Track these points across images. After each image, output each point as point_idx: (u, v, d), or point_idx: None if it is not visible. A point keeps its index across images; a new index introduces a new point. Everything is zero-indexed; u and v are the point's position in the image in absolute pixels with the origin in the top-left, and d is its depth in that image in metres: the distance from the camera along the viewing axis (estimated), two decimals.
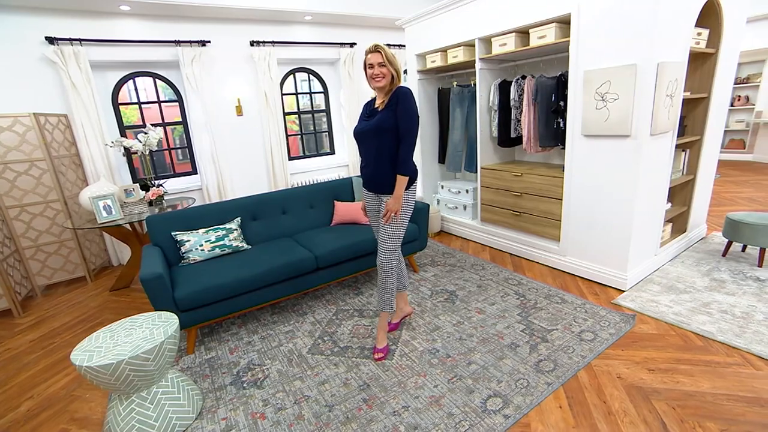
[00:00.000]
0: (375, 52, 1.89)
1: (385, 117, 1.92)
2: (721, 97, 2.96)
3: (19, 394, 2.09)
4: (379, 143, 1.95)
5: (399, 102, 1.89)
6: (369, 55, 1.91)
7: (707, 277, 2.70)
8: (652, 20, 2.19)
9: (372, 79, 1.93)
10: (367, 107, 2.09)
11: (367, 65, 1.92)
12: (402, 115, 1.89)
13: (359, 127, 2.05)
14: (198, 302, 2.23)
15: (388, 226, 2.01)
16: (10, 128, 3.08)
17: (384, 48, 1.89)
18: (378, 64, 1.89)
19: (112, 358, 1.55)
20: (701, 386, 1.74)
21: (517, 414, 1.67)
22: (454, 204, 4.03)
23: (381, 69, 1.89)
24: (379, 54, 1.88)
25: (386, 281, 2.05)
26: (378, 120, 1.94)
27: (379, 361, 2.08)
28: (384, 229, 2.03)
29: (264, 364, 2.15)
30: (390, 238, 2.02)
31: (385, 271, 2.04)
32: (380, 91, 1.97)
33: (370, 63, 1.91)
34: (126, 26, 3.71)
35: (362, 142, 2.05)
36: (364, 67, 1.96)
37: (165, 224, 2.68)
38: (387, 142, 1.94)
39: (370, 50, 1.91)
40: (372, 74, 1.91)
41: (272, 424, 1.72)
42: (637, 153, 2.41)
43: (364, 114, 2.08)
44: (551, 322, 2.33)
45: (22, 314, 3.02)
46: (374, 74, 1.90)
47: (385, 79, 1.91)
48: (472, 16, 3.22)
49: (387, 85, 1.93)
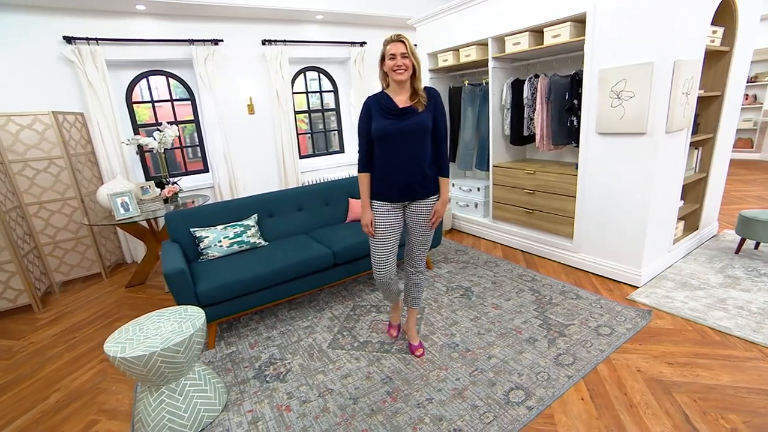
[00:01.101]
0: (398, 41, 1.72)
1: (426, 118, 1.80)
2: (734, 96, 2.98)
3: (46, 387, 2.13)
4: (420, 145, 1.81)
5: (438, 104, 1.84)
6: (390, 45, 1.73)
7: (721, 273, 2.72)
8: (669, 19, 2.21)
9: (394, 71, 1.74)
10: (384, 104, 1.81)
11: (388, 56, 1.74)
12: (440, 117, 1.85)
13: (389, 127, 1.79)
14: (219, 297, 2.27)
15: (429, 232, 1.96)
16: (30, 126, 3.12)
17: (407, 38, 1.74)
18: (401, 55, 1.72)
19: (145, 350, 1.58)
20: (721, 380, 1.76)
21: (540, 406, 1.70)
22: (465, 202, 4.06)
23: (404, 60, 1.72)
24: (402, 44, 1.72)
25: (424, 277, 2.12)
26: (420, 121, 1.79)
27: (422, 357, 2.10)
28: (430, 234, 1.98)
29: (285, 359, 2.19)
30: (427, 244, 2.00)
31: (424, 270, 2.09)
32: (400, 86, 1.79)
33: (392, 54, 1.73)
34: (141, 26, 3.75)
35: (394, 144, 1.80)
36: (382, 58, 1.78)
37: (184, 221, 2.71)
38: (427, 145, 1.84)
39: (392, 39, 1.74)
40: (394, 66, 1.73)
41: (298, 416, 1.76)
42: (653, 150, 2.43)
43: (385, 111, 1.80)
44: (568, 318, 2.35)
45: (41, 309, 3.07)
46: (397, 65, 1.73)
47: (407, 72, 1.74)
48: (485, 15, 3.25)
49: (408, 78, 1.77)
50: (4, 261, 2.86)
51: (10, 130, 3.06)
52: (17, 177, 3.13)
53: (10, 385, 2.16)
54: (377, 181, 1.88)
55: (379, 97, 1.85)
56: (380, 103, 1.83)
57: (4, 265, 2.87)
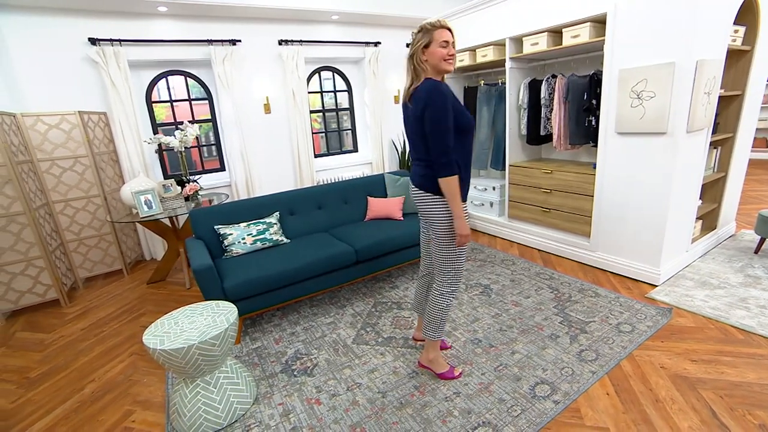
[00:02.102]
0: (447, 28, 1.58)
1: None
2: (755, 95, 2.98)
3: (81, 378, 2.20)
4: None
5: None
6: (441, 32, 1.56)
7: (741, 273, 2.73)
8: (692, 18, 2.22)
9: (445, 60, 1.59)
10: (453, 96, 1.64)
11: (440, 43, 1.57)
12: None
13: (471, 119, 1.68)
14: (246, 293, 2.32)
15: None
16: (57, 126, 3.20)
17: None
18: (452, 44, 1.59)
19: (183, 343, 1.64)
20: (747, 377, 1.78)
21: (566, 400, 1.73)
22: (480, 201, 4.09)
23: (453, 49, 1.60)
24: (450, 32, 1.59)
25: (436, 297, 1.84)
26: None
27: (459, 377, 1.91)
28: None
29: (311, 354, 2.24)
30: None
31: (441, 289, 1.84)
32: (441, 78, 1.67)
33: (445, 41, 1.57)
34: (162, 27, 3.81)
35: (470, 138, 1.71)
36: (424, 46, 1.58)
37: (207, 218, 2.77)
38: None
39: (441, 25, 1.58)
40: (447, 54, 1.59)
41: (328, 409, 1.80)
42: (673, 150, 2.44)
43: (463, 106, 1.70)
44: (588, 315, 2.38)
45: (68, 304, 3.15)
46: (450, 54, 1.59)
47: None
48: (503, 15, 3.27)
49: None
50: (35, 257, 2.94)
51: (39, 130, 3.14)
52: (45, 175, 3.21)
53: (47, 375, 2.24)
54: (462, 181, 1.65)
55: (445, 87, 1.60)
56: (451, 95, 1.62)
57: (35, 260, 2.95)
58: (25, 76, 3.32)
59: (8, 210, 2.82)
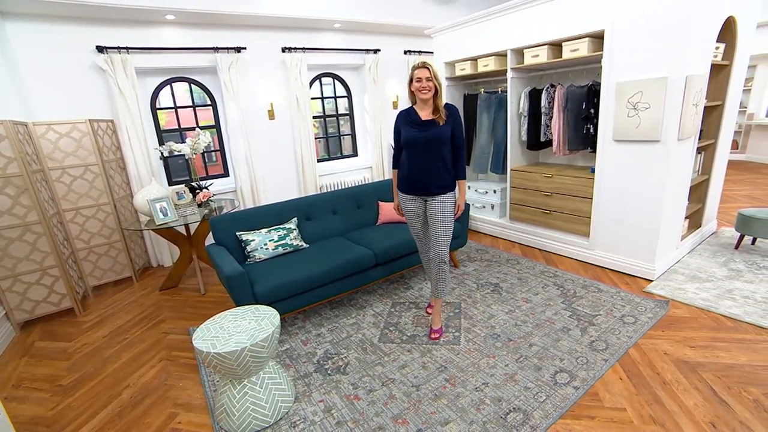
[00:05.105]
0: (423, 68, 2.14)
1: (446, 130, 2.22)
2: (733, 104, 3.27)
3: (115, 384, 2.24)
4: (439, 152, 2.24)
5: (456, 119, 2.25)
6: (417, 71, 2.14)
7: (725, 267, 3.00)
8: (682, 37, 2.46)
9: (419, 91, 2.16)
10: (411, 117, 2.25)
11: (415, 79, 2.15)
12: (458, 129, 2.26)
13: (414, 136, 2.23)
14: (275, 297, 2.42)
15: (449, 223, 2.28)
16: (68, 134, 3.20)
17: (431, 65, 2.15)
18: (426, 79, 2.13)
19: (235, 345, 1.73)
20: (739, 359, 2.01)
21: (585, 386, 1.91)
22: (481, 203, 4.28)
23: (428, 83, 2.13)
24: (427, 70, 2.13)
25: (445, 269, 2.32)
26: (440, 132, 2.21)
27: (435, 340, 2.38)
28: (446, 225, 2.27)
29: (340, 353, 2.35)
30: (450, 232, 2.30)
31: (444, 260, 2.30)
32: (425, 103, 2.21)
33: (418, 77, 2.14)
34: (169, 34, 3.83)
35: (418, 150, 2.23)
36: (410, 81, 2.19)
37: (228, 225, 2.84)
38: (447, 151, 2.26)
39: (418, 66, 2.15)
40: (420, 87, 2.14)
41: (368, 404, 1.93)
42: (667, 156, 2.68)
43: (412, 123, 2.25)
44: (593, 309, 2.59)
45: (82, 313, 3.15)
46: (422, 87, 2.14)
47: (430, 92, 2.16)
48: (505, 28, 3.46)
49: (431, 97, 2.18)
50: (50, 266, 2.94)
51: (50, 138, 3.13)
52: (56, 184, 3.20)
53: (80, 382, 2.27)
54: (401, 177, 2.37)
55: (408, 112, 2.30)
56: (409, 116, 2.28)
57: (50, 269, 2.95)
58: (34, 84, 3.30)
59: (24, 219, 2.81)
